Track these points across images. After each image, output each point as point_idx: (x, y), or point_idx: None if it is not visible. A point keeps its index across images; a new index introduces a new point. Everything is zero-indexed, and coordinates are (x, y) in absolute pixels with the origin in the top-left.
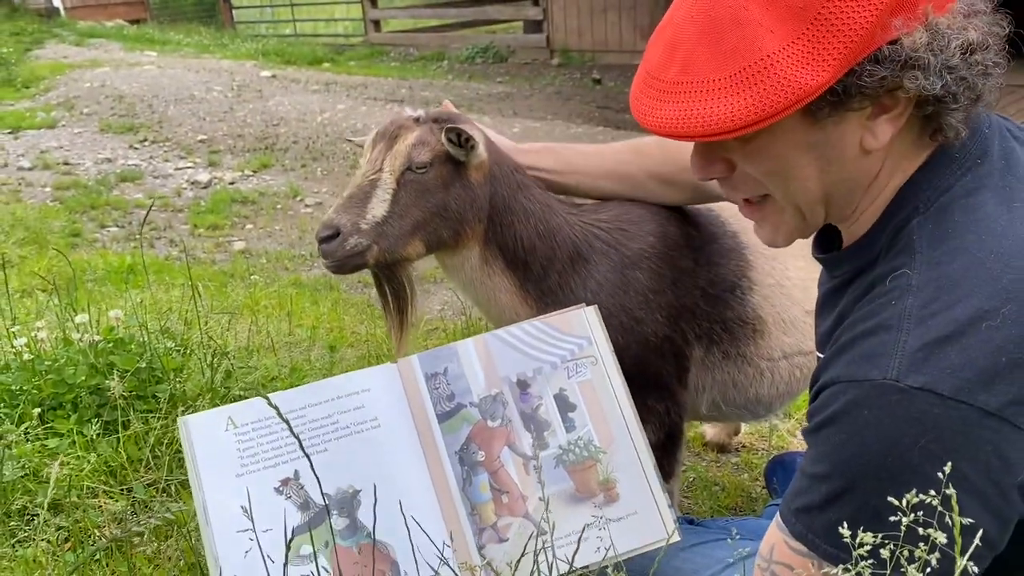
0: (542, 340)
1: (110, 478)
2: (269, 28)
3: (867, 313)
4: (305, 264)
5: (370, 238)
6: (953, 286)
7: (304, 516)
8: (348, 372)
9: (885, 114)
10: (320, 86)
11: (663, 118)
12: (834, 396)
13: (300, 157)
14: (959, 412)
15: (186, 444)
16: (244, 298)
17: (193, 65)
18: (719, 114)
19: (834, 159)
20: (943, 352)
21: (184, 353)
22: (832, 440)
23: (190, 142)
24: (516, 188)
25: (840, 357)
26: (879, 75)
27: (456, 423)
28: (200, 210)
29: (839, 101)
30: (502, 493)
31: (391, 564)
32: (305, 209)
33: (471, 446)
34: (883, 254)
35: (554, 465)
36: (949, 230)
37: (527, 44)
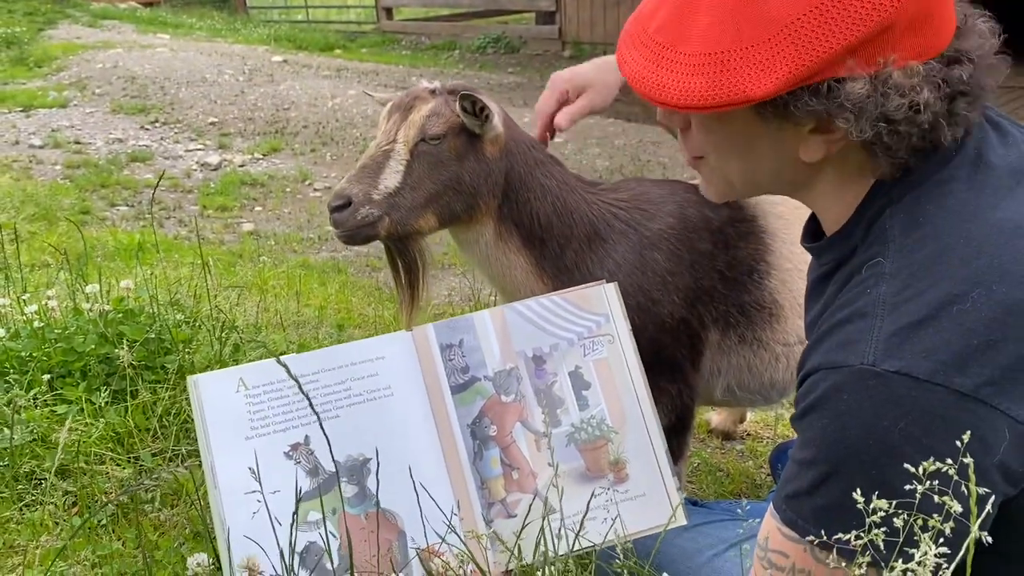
0: (560, 316)
1: (117, 446)
2: (281, 14)
3: (844, 302)
4: (313, 247)
5: (382, 209)
6: (925, 272)
7: (313, 482)
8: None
9: (822, 135)
10: (331, 72)
11: (633, 69)
12: (815, 383)
13: (310, 142)
14: (935, 395)
15: (195, 403)
16: (253, 277)
17: (205, 48)
18: (674, 87)
19: (771, 156)
20: (916, 336)
21: (193, 326)
22: (815, 426)
23: (201, 124)
24: (534, 164)
25: (821, 345)
26: (811, 106)
27: (469, 396)
28: (210, 191)
29: (779, 113)
30: (513, 469)
31: (398, 533)
32: (314, 193)
33: (484, 420)
34: (860, 244)
35: (566, 443)
36: (920, 219)
37: (539, 35)
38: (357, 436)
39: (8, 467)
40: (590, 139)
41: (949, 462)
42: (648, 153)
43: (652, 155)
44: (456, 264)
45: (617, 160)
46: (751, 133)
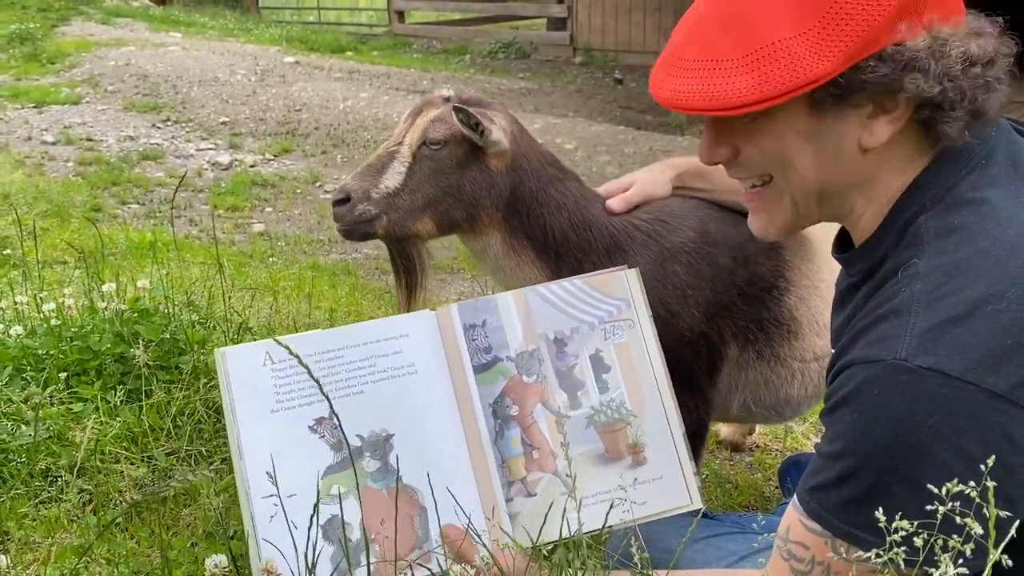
0: (581, 299)
1: (132, 445)
2: (293, 15)
3: (879, 302)
4: (323, 248)
5: (380, 208)
6: (959, 272)
7: (337, 456)
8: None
9: (884, 115)
10: (343, 74)
11: (675, 91)
12: (848, 377)
13: (321, 143)
14: (967, 393)
15: (222, 376)
16: (265, 279)
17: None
18: (726, 90)
19: (831, 153)
20: (950, 333)
21: (207, 326)
22: (845, 419)
23: (212, 124)
24: (547, 181)
25: (855, 343)
26: (881, 72)
27: (491, 376)
28: (220, 191)
29: (841, 95)
30: (533, 449)
31: (419, 509)
32: (324, 195)
33: (505, 400)
34: (892, 251)
35: (585, 425)
36: (955, 223)
37: (550, 41)
38: (381, 412)
39: (25, 464)
40: (600, 146)
41: (972, 484)
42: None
43: None
44: (465, 269)
45: (627, 168)
46: (811, 130)
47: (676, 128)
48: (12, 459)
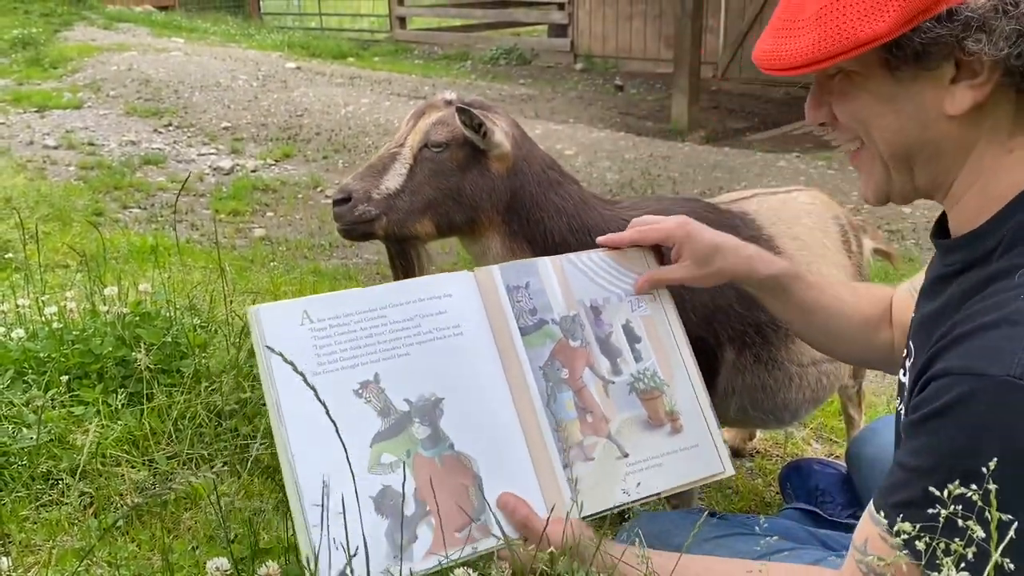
0: (607, 271)
1: (133, 448)
2: (295, 20)
3: (989, 306)
4: (324, 253)
5: (380, 208)
6: None
7: (384, 423)
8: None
9: (967, 80)
10: (344, 80)
11: (761, 54)
12: (946, 387)
13: (322, 148)
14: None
15: (257, 336)
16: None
17: (219, 53)
18: (792, 51)
19: (912, 117)
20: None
21: (209, 330)
22: (941, 433)
23: (214, 129)
24: (548, 185)
25: (954, 348)
26: (935, 32)
27: (539, 338)
28: (222, 196)
29: (908, 57)
30: (587, 412)
31: (473, 478)
32: (326, 200)
33: (555, 362)
34: (1003, 248)
35: (628, 391)
36: None
37: (551, 48)
38: (428, 375)
39: (26, 467)
40: (600, 152)
41: (974, 487)
42: (658, 167)
43: (662, 169)
44: None
45: (627, 174)
46: (889, 92)
47: (676, 135)
48: (13, 462)
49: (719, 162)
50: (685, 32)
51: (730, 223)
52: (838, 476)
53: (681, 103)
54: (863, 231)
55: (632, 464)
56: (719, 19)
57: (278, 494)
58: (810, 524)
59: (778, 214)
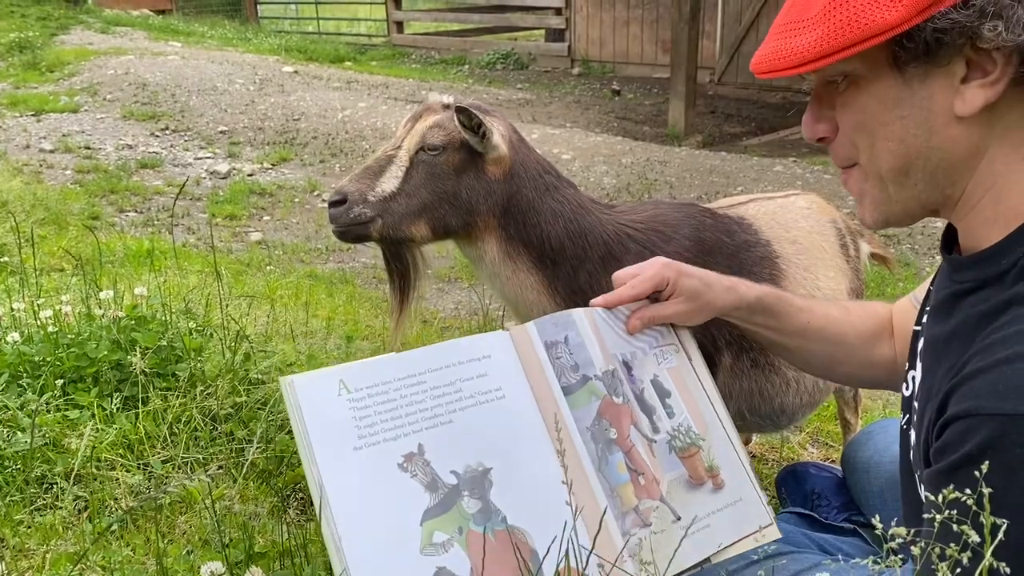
0: (624, 324)
1: (128, 452)
2: (292, 25)
3: (1009, 337)
4: (321, 257)
5: (375, 211)
6: None
7: (433, 498)
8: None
9: (978, 79)
10: (342, 84)
11: (761, 57)
12: (972, 430)
13: (319, 152)
14: None
15: (293, 410)
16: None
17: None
18: (798, 47)
19: (920, 123)
20: None
21: (204, 334)
22: (975, 483)
23: (211, 132)
24: (544, 190)
25: (975, 385)
26: (950, 19)
27: (583, 397)
28: (218, 200)
29: (919, 51)
30: (639, 474)
31: (530, 552)
32: (322, 204)
33: (602, 422)
34: (1019, 272)
35: (668, 451)
36: None
37: (548, 52)
38: (474, 443)
39: (20, 471)
40: (597, 157)
41: (968, 492)
42: (655, 172)
43: (659, 174)
44: (463, 278)
45: (624, 178)
46: (896, 96)
47: (673, 139)
48: (8, 466)
49: (716, 167)
50: (682, 37)
51: (727, 227)
52: (834, 480)
53: (678, 108)
54: (860, 235)
55: (684, 526)
56: (716, 24)
57: (273, 498)
58: (806, 528)
59: (775, 218)
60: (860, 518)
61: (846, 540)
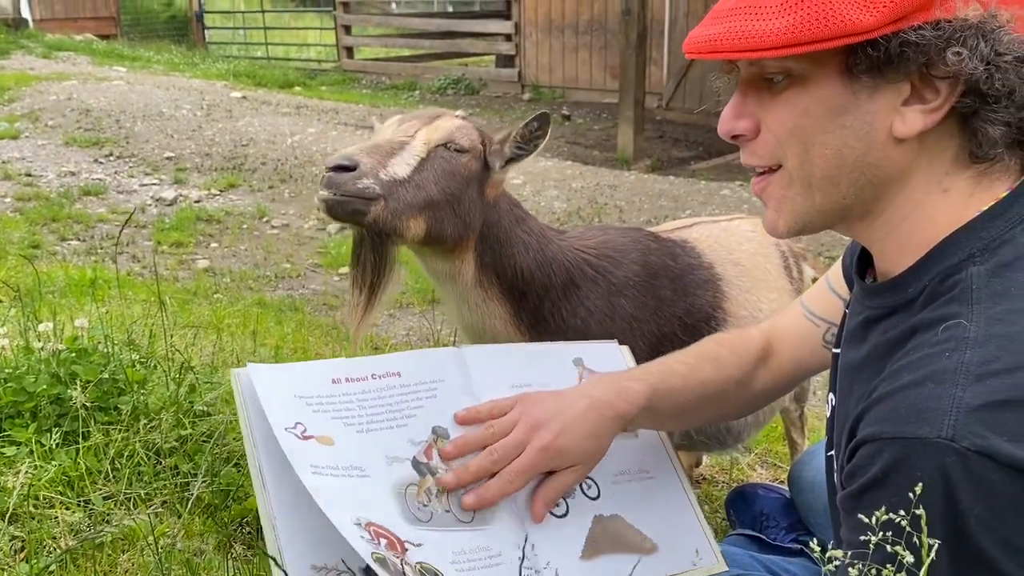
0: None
1: (67, 489)
2: (241, 50)
3: (914, 363)
4: (269, 285)
5: (384, 190)
6: (1016, 348)
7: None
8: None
9: (920, 104)
10: (291, 109)
11: (708, 37)
12: (877, 453)
13: (268, 178)
14: (1016, 482)
15: (240, 399)
16: (209, 316)
17: (163, 82)
18: (762, 31)
19: (859, 136)
20: (1002, 416)
21: (148, 366)
22: (881, 505)
23: (157, 159)
24: (515, 221)
25: (881, 409)
26: (923, 35)
27: None
28: (164, 227)
29: (879, 62)
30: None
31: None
32: (271, 230)
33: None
34: (927, 298)
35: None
36: (1012, 289)
37: (499, 78)
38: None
39: None
40: (548, 181)
41: (902, 512)
42: (605, 196)
43: (609, 198)
44: (414, 304)
45: (575, 202)
46: (841, 104)
47: (622, 163)
48: None
49: (664, 191)
50: (630, 63)
51: (671, 251)
52: (782, 500)
53: (627, 133)
54: (803, 258)
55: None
56: (662, 51)
57: (219, 534)
58: (755, 550)
59: (719, 241)
60: (808, 538)
61: (793, 561)
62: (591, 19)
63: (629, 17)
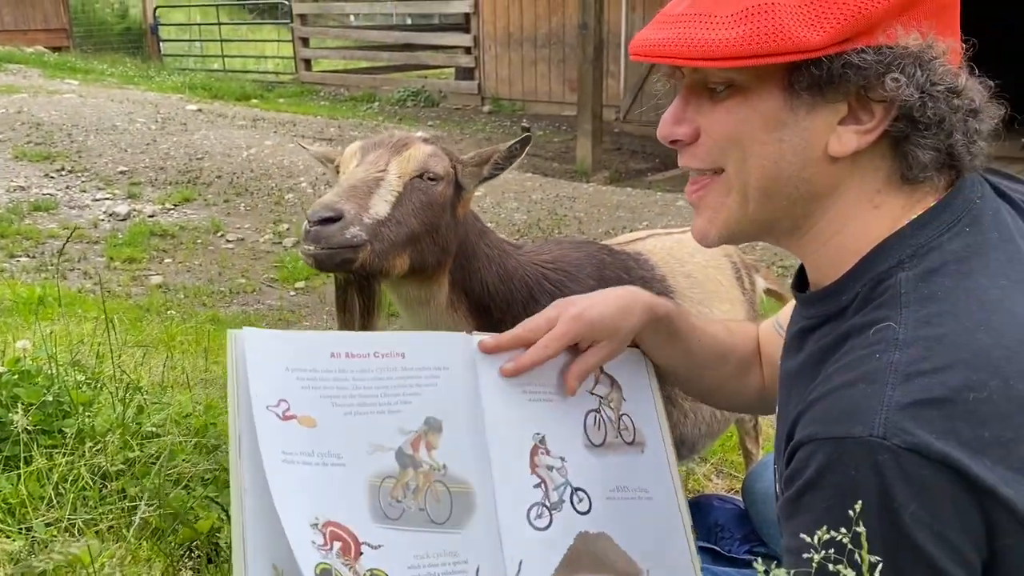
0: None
1: (8, 516)
2: (197, 62)
3: (845, 366)
4: (224, 300)
5: (369, 234)
6: (943, 349)
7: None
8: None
9: (856, 125)
10: (247, 122)
11: (656, 41)
12: (812, 455)
13: (223, 192)
14: (948, 478)
15: (232, 363)
16: (160, 333)
17: (116, 95)
18: (711, 40)
19: (795, 151)
20: (930, 415)
21: (94, 387)
22: (817, 506)
23: (110, 173)
24: (478, 234)
25: (815, 411)
26: (866, 58)
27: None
28: (117, 243)
29: (820, 80)
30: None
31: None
32: (226, 245)
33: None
34: (858, 304)
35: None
36: (939, 293)
37: (458, 90)
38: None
39: None
40: (508, 193)
41: (843, 531)
42: (564, 208)
43: (568, 210)
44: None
45: (535, 214)
46: (780, 118)
47: (581, 175)
48: None
49: (622, 202)
50: (587, 77)
51: (624, 264)
52: (736, 511)
53: (585, 145)
54: (755, 270)
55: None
56: (619, 64)
57: (166, 559)
58: (709, 562)
59: (671, 253)
60: (762, 549)
61: (747, 573)
62: (549, 33)
63: (586, 31)
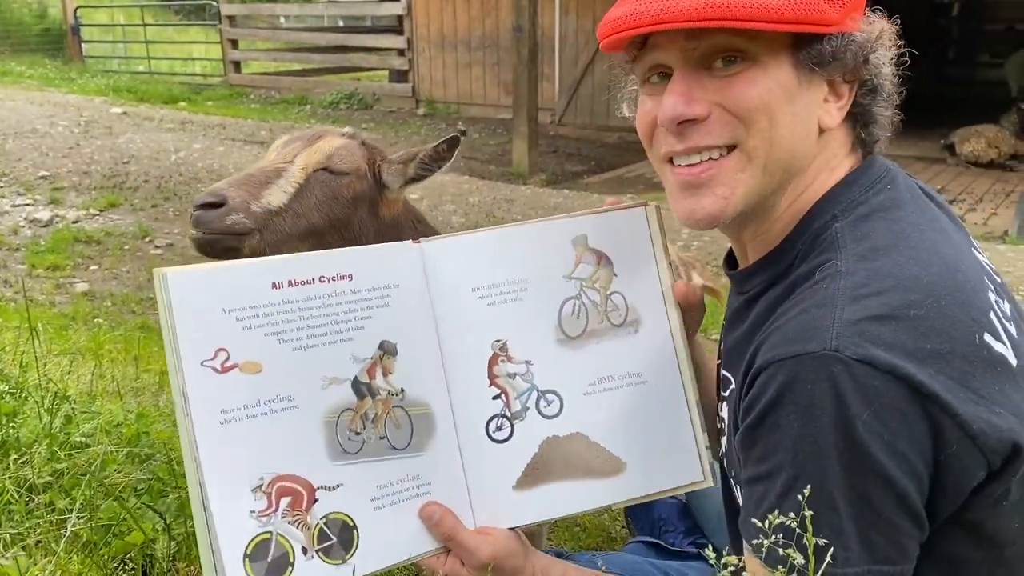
0: None
1: None
2: (121, 64)
3: (796, 302)
4: (153, 307)
5: (256, 224)
6: (882, 276)
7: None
8: None
9: (837, 101)
10: (175, 125)
11: (686, 7)
12: (772, 377)
13: (151, 196)
14: (896, 386)
15: (163, 307)
16: (87, 341)
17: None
18: (762, 3)
19: (804, 122)
20: (877, 329)
21: (19, 397)
22: (781, 424)
23: (30, 178)
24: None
25: (772, 339)
26: (859, 39)
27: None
28: (39, 249)
29: (825, 56)
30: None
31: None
32: (155, 250)
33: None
34: (800, 258)
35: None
36: (871, 233)
37: (392, 93)
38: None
39: None
40: (445, 196)
41: (792, 515)
42: (502, 210)
43: (506, 212)
44: None
45: (472, 217)
46: (788, 88)
47: (518, 178)
48: None
49: (559, 204)
50: (522, 79)
51: None
52: (678, 505)
53: (521, 148)
54: (692, 267)
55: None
56: (554, 67)
57: (98, 572)
58: (653, 556)
59: None
60: (704, 540)
61: (691, 565)
62: (483, 35)
63: (520, 34)
